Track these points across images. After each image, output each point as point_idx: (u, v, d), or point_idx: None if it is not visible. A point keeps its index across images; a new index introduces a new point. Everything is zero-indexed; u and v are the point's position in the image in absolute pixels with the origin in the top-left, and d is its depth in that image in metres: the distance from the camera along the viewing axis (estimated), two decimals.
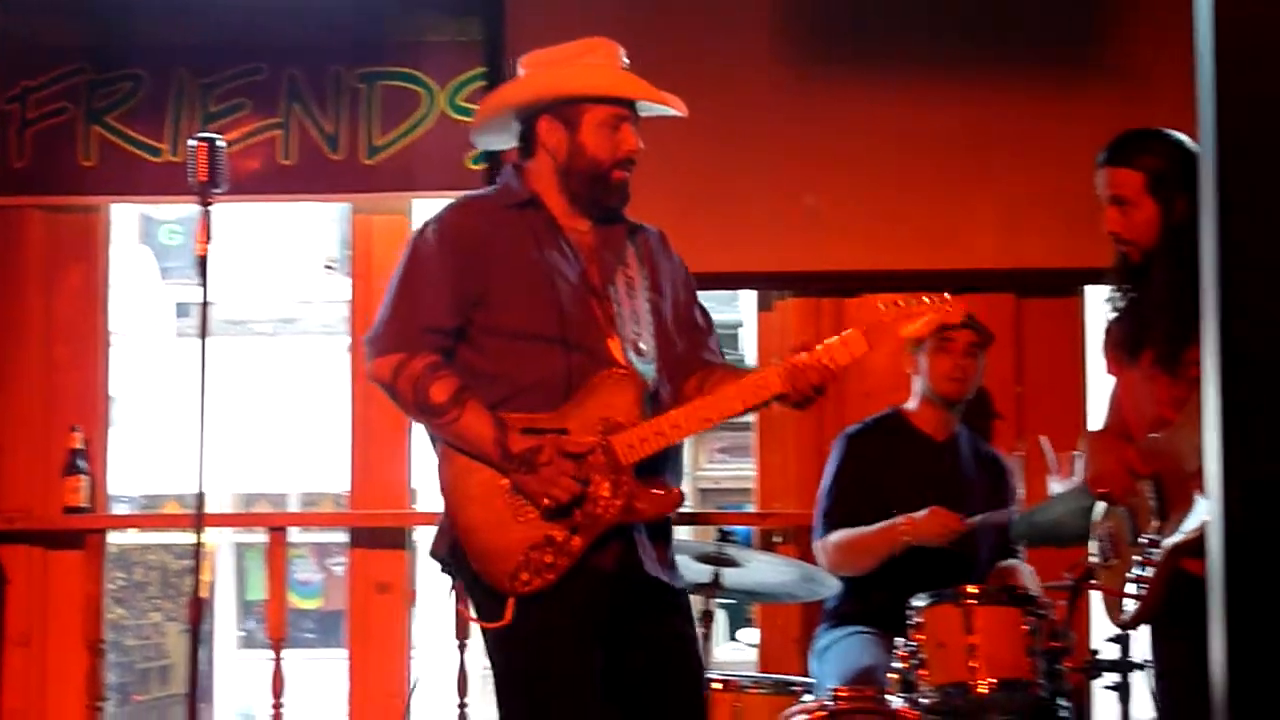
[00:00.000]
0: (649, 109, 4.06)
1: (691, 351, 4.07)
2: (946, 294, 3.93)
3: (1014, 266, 6.07)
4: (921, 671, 4.60)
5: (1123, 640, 4.89)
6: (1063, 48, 6.16)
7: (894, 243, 6.03)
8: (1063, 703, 4.76)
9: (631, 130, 3.98)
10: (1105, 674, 5.00)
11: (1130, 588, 4.13)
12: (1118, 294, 4.25)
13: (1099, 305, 4.47)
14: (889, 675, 4.67)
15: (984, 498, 5.36)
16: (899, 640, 4.67)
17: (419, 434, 4.40)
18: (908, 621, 4.66)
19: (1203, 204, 2.30)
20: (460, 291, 3.93)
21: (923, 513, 5.13)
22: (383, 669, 6.22)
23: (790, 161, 6.05)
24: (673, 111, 4.06)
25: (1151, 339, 4.08)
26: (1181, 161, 4.05)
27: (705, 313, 4.18)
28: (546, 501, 3.82)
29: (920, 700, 4.58)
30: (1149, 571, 4.06)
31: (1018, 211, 6.06)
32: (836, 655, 5.16)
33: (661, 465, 3.92)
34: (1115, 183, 4.13)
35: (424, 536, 5.79)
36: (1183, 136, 4.11)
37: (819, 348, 3.85)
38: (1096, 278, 4.60)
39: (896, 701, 4.60)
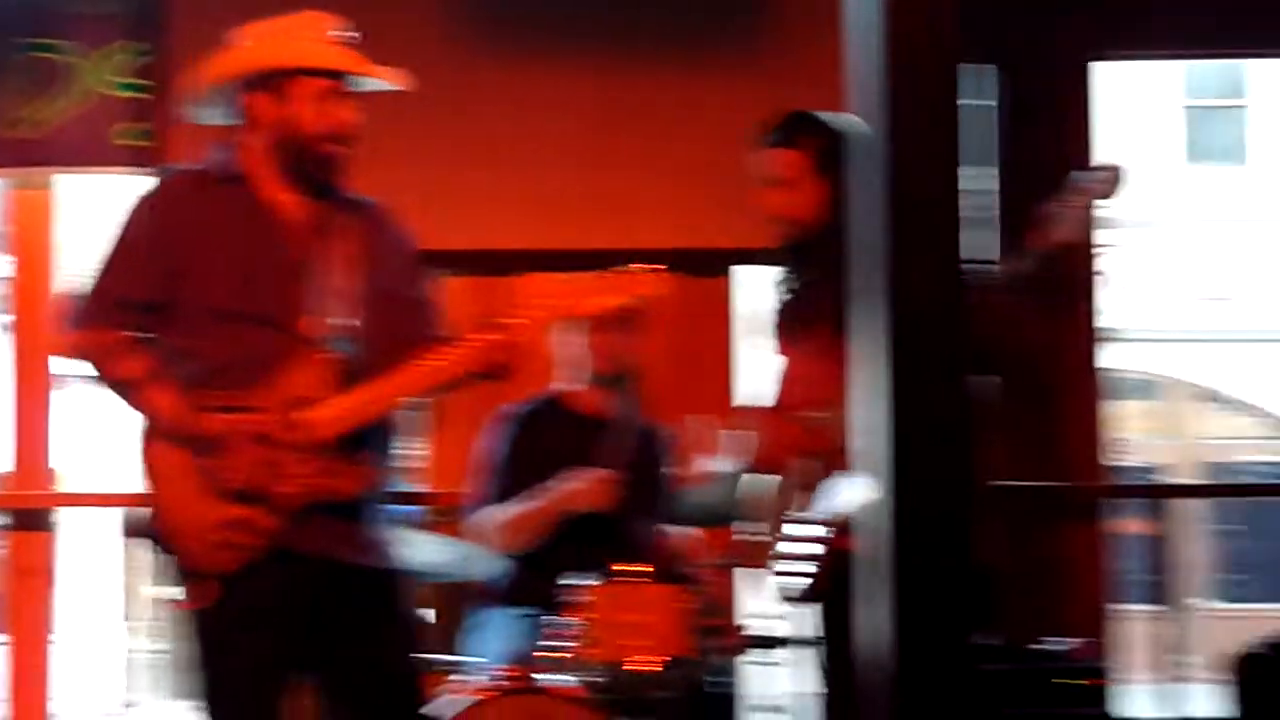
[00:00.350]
0: (372, 85, 4.01)
1: (411, 328, 4.00)
2: (639, 266, 3.96)
3: (675, 246, 6.14)
4: (582, 650, 4.62)
5: (784, 617, 5.00)
6: (719, 28, 6.25)
7: (554, 221, 6.07)
8: (720, 679, 4.84)
9: (343, 104, 3.92)
10: (764, 650, 5.11)
11: (796, 565, 4.20)
12: (788, 275, 4.31)
13: (748, 285, 4.55)
14: (549, 654, 4.69)
15: (645, 474, 5.40)
16: (560, 619, 4.69)
17: (62, 413, 4.31)
18: (569, 600, 4.68)
19: (862, 189, 2.36)
20: (158, 267, 3.87)
21: (575, 477, 5.14)
22: (33, 654, 6.08)
23: (452, 139, 6.04)
24: (390, 85, 4.02)
25: (820, 320, 4.14)
26: (839, 139, 4.14)
27: (429, 290, 4.12)
28: (232, 483, 3.79)
29: (581, 679, 4.61)
30: (812, 549, 4.14)
31: (680, 191, 6.13)
32: (496, 634, 5.16)
33: (360, 443, 3.88)
34: (777, 163, 4.20)
35: (68, 518, 5.69)
36: (840, 117, 4.20)
37: (509, 323, 3.86)
38: (747, 258, 4.68)
39: (557, 680, 4.62)
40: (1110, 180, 3.65)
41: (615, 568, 4.71)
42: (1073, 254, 6.43)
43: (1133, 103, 15.83)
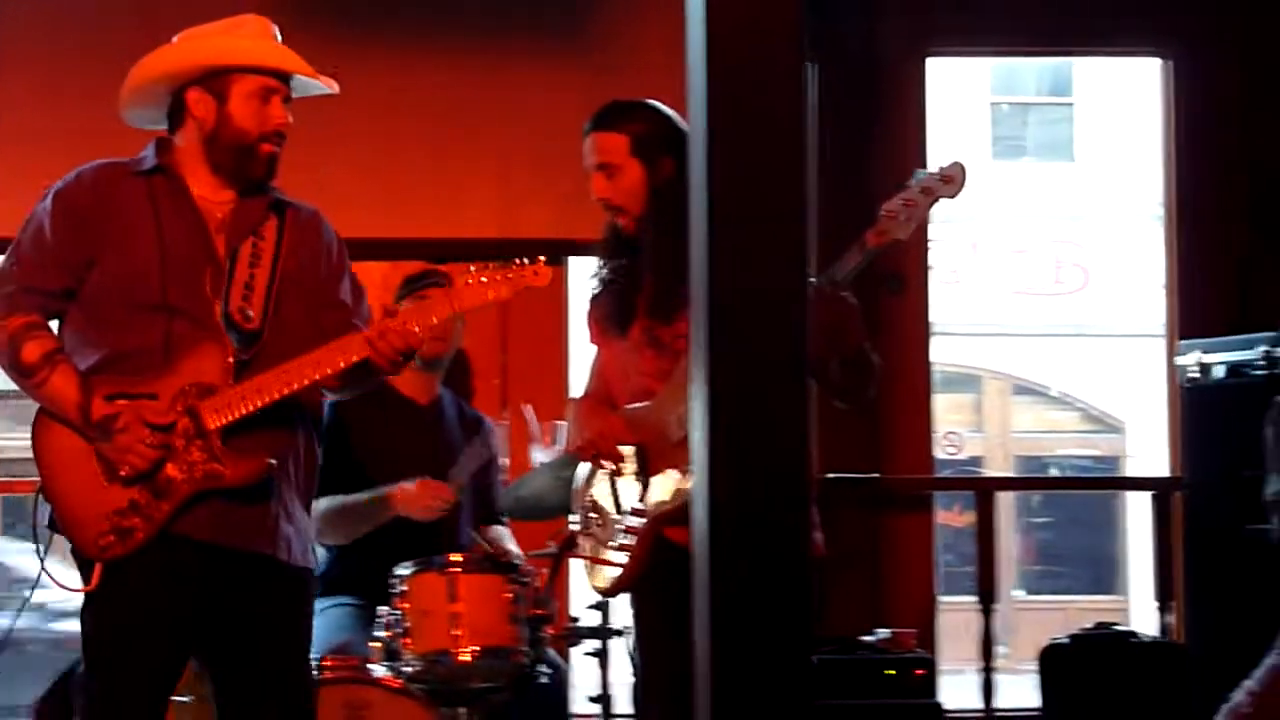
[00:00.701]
0: (308, 87, 4.05)
1: (335, 326, 3.99)
2: (526, 259, 3.98)
3: (502, 236, 6.12)
4: (405, 640, 4.59)
5: (603, 607, 4.99)
6: (550, 20, 6.24)
7: (388, 212, 6.02)
8: (544, 669, 4.82)
9: (281, 104, 3.96)
10: (586, 641, 5.10)
11: (613, 556, 4.20)
12: (604, 266, 4.31)
13: (582, 276, 4.54)
14: (372, 644, 4.65)
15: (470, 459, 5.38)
16: (382, 609, 4.65)
17: None
18: (391, 590, 4.65)
19: (691, 181, 2.34)
20: (66, 254, 3.91)
21: (412, 484, 5.11)
22: None
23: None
24: (326, 89, 4.07)
25: (639, 311, 4.14)
26: (665, 125, 4.15)
27: (357, 290, 4.14)
28: (124, 469, 3.80)
29: (403, 669, 4.58)
30: (631, 540, 4.14)
31: (508, 182, 6.11)
32: (319, 624, 5.11)
33: (253, 432, 3.87)
34: (601, 149, 4.19)
35: None
36: (661, 105, 4.21)
37: (402, 311, 3.90)
38: (581, 249, 4.68)
39: (379, 670, 4.59)
40: (953, 177, 3.67)
41: (442, 557, 4.68)
42: (907, 250, 6.51)
43: (949, 100, 16.07)
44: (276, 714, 3.98)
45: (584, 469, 4.38)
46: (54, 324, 3.97)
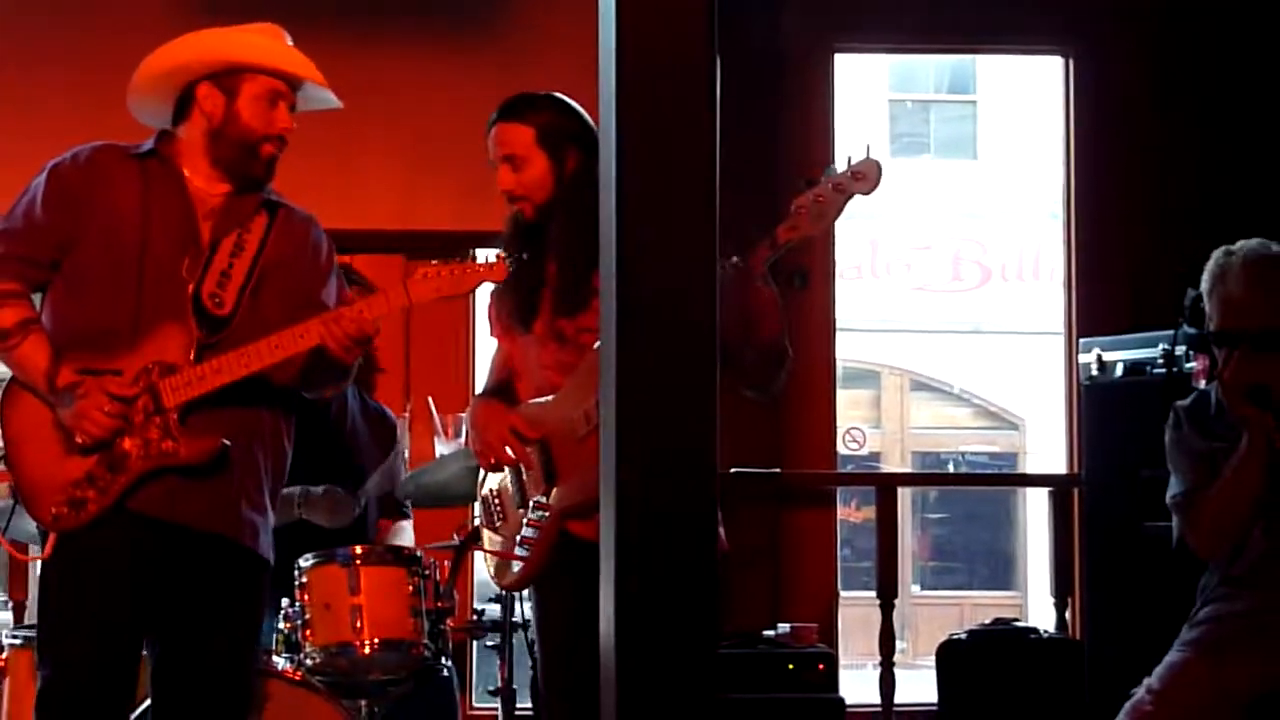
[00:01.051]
0: (315, 96, 4.13)
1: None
2: (479, 254, 4.01)
3: (406, 228, 6.10)
4: (306, 632, 4.58)
5: (505, 601, 4.99)
6: (457, 10, 6.22)
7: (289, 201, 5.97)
8: (445, 662, 4.82)
9: (287, 109, 4.05)
10: (487, 634, 5.10)
11: (516, 550, 4.19)
12: (507, 260, 4.30)
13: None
14: (274, 636, 4.63)
15: (373, 454, 5.35)
16: (284, 601, 4.63)
17: None
18: (294, 583, 4.62)
19: (601, 174, 2.33)
20: (52, 227, 3.98)
21: (319, 490, 5.08)
22: None
23: None
24: (333, 103, 4.17)
25: (543, 305, 4.14)
26: (570, 118, 4.15)
27: (341, 298, 4.16)
28: (80, 437, 3.85)
29: (305, 661, 4.56)
30: (534, 533, 4.13)
31: (411, 174, 6.08)
32: None
33: (211, 411, 3.91)
34: (506, 140, 4.18)
35: None
36: (568, 99, 4.21)
37: (358, 301, 3.92)
38: (487, 241, 4.66)
39: (281, 663, 4.57)
40: (866, 174, 3.67)
41: (343, 549, 4.66)
42: (812, 246, 6.53)
43: (848, 96, 16.12)
44: (211, 702, 3.99)
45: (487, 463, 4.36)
46: (38, 297, 4.05)
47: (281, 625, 4.62)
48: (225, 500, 3.96)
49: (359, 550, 4.68)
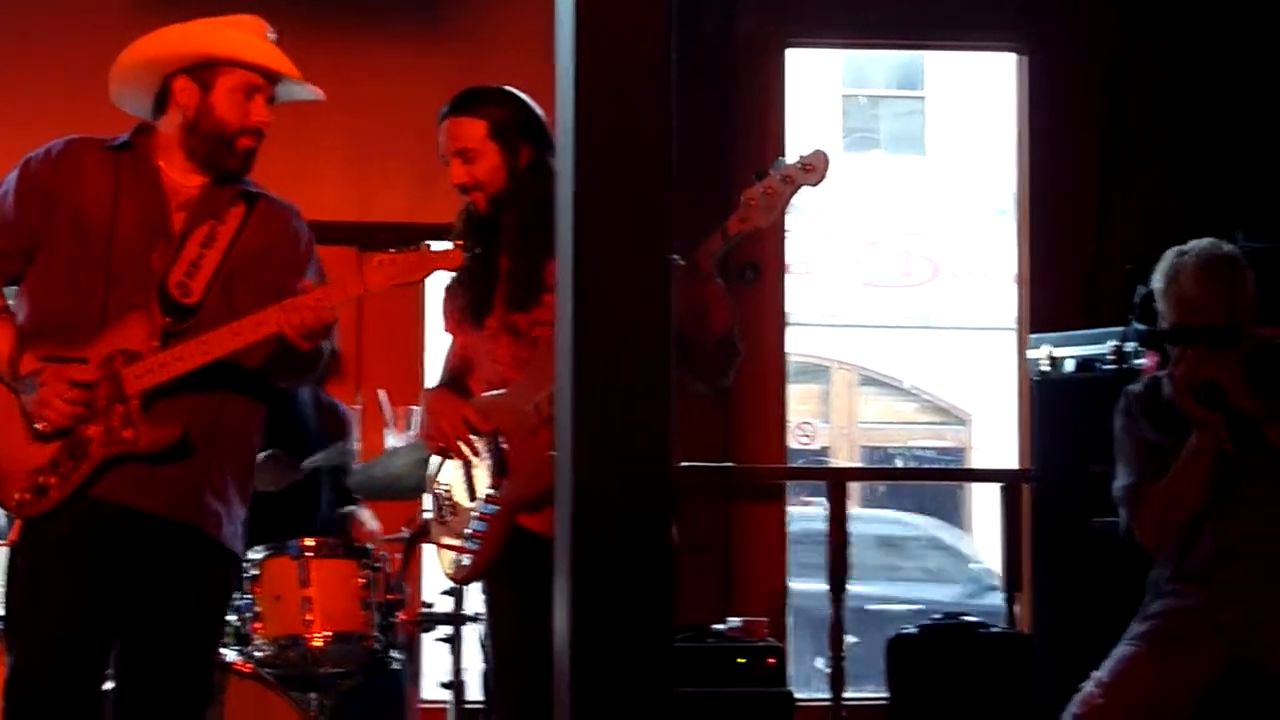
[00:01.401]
0: (294, 91, 4.15)
1: None
2: (433, 243, 4.01)
3: (359, 220, 6.08)
4: (256, 625, 4.57)
5: (455, 594, 4.99)
6: (414, 3, 6.20)
7: None
8: (395, 655, 4.81)
9: (264, 102, 4.05)
10: (438, 627, 5.09)
11: (466, 542, 4.19)
12: (457, 243, 4.29)
13: None
14: (224, 628, 4.61)
15: (324, 446, 5.34)
16: (234, 594, 4.62)
17: None
18: (244, 574, 4.61)
19: (559, 168, 2.33)
20: (21, 220, 4.00)
21: (262, 456, 5.07)
22: None
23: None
24: (312, 95, 4.17)
25: (496, 300, 4.14)
26: (523, 112, 4.15)
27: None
28: (41, 424, 3.87)
29: (254, 654, 4.55)
30: (485, 527, 4.13)
31: (365, 165, 6.07)
32: None
33: (172, 400, 3.91)
34: (458, 134, 4.17)
35: None
36: (521, 93, 4.20)
37: (315, 289, 3.91)
38: (440, 234, 4.65)
39: (231, 655, 4.55)
40: (815, 166, 3.68)
41: (294, 542, 4.65)
42: (763, 240, 6.54)
43: (801, 91, 16.15)
44: (173, 693, 3.99)
45: (438, 455, 4.36)
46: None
47: (231, 617, 4.61)
48: (188, 488, 3.95)
49: (310, 543, 4.68)
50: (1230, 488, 4.25)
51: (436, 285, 4.32)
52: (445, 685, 5.14)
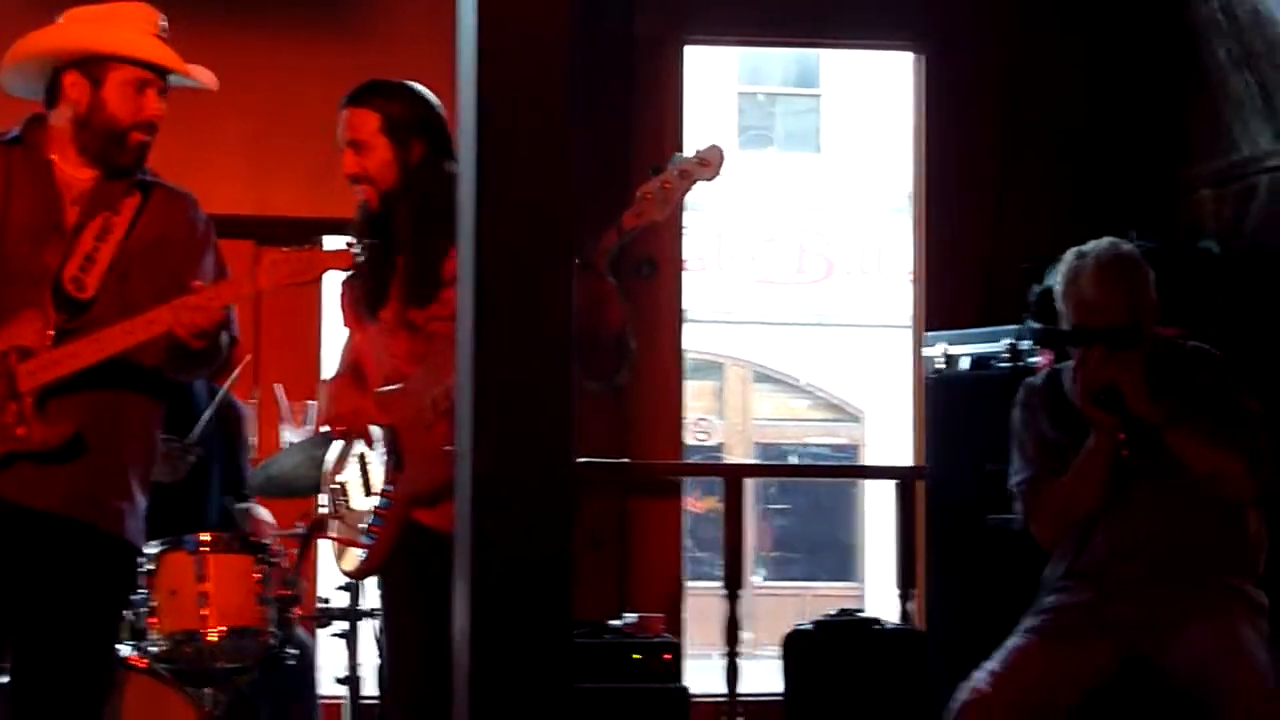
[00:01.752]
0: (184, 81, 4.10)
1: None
2: (323, 243, 4.00)
3: (255, 214, 6.05)
4: (152, 620, 4.54)
5: (352, 589, 4.97)
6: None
7: None
8: (291, 650, 4.79)
9: (155, 96, 4.01)
10: (334, 622, 5.08)
11: (362, 537, 4.18)
12: (356, 248, 4.28)
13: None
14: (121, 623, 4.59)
15: (219, 441, 5.32)
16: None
17: None
18: (140, 569, 4.58)
19: (460, 163, 2.33)
20: None
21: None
22: None
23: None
24: (203, 84, 4.12)
25: (391, 294, 4.13)
26: (419, 107, 4.15)
27: (220, 274, 4.11)
28: None
29: (149, 649, 4.53)
30: (380, 521, 4.13)
31: (261, 159, 6.04)
32: None
33: (65, 397, 3.87)
34: (352, 125, 4.18)
35: None
36: (422, 88, 4.20)
37: (205, 288, 3.88)
38: (337, 228, 4.64)
39: (126, 650, 4.52)
40: (710, 161, 3.69)
41: (190, 536, 4.63)
42: (661, 236, 6.55)
43: (697, 88, 16.15)
44: (70, 689, 3.95)
45: (335, 450, 4.35)
46: None
47: (126, 612, 4.58)
48: (85, 486, 3.92)
49: (206, 538, 4.65)
50: (1125, 488, 4.29)
51: (335, 280, 4.31)
52: (341, 681, 5.13)
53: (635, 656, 6.04)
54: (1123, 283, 4.32)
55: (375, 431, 4.17)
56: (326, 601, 5.21)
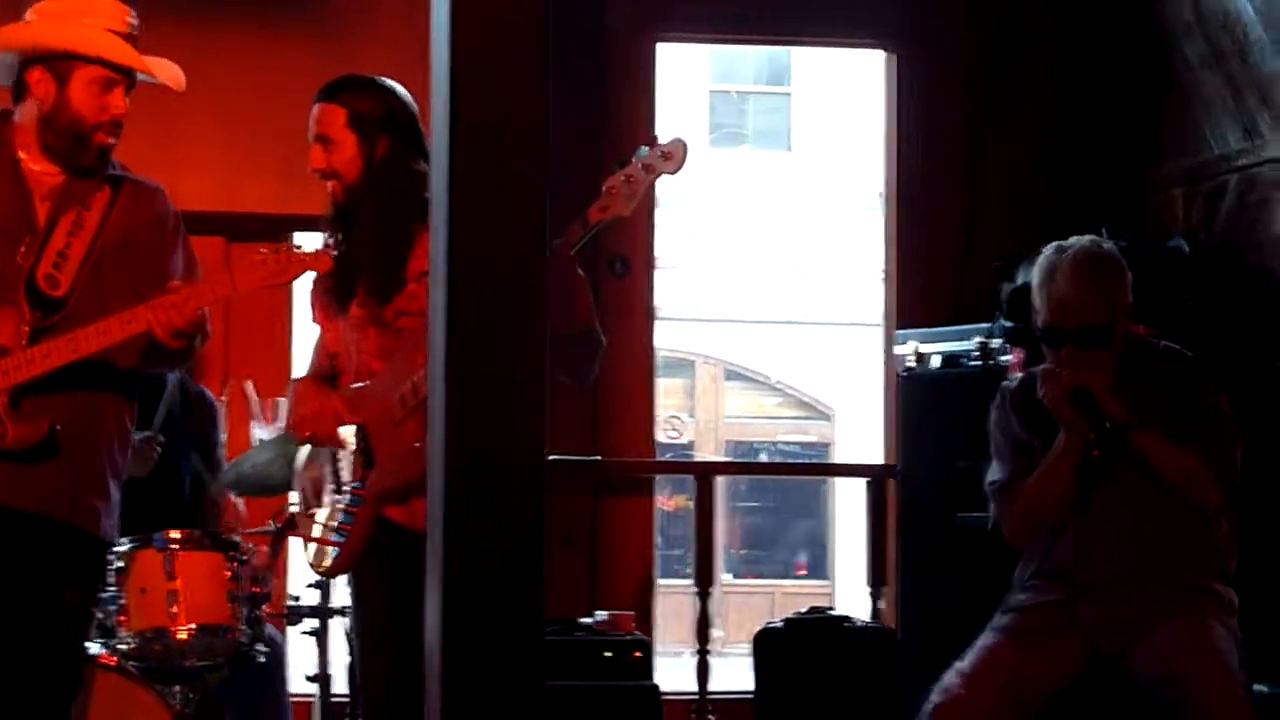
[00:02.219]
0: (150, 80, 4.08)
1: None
2: (300, 245, 4.03)
3: (225, 210, 6.03)
4: (121, 617, 4.53)
5: (322, 587, 4.97)
6: None
7: None
8: (261, 648, 4.78)
9: (121, 95, 3.99)
10: (305, 620, 5.07)
11: (332, 535, 4.17)
12: (328, 244, 4.28)
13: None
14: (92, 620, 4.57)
15: (191, 438, 5.31)
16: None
17: None
18: (109, 567, 4.56)
19: (434, 158, 2.33)
20: None
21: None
22: None
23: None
24: (169, 83, 4.09)
25: (358, 290, 4.13)
26: (387, 104, 4.16)
27: (191, 267, 4.13)
28: None
29: (119, 647, 4.51)
30: (351, 519, 4.12)
31: (232, 155, 6.02)
32: None
33: (39, 395, 3.87)
34: (320, 120, 4.19)
35: None
36: (394, 84, 4.19)
37: (183, 289, 3.88)
38: (308, 224, 4.64)
39: (95, 648, 4.50)
40: (673, 154, 3.70)
41: (161, 534, 4.61)
42: (632, 234, 6.55)
43: (669, 86, 16.11)
44: (40, 685, 3.94)
45: (306, 447, 4.34)
46: None
47: (96, 610, 4.56)
48: (61, 485, 3.92)
49: (176, 535, 4.64)
50: (1096, 488, 4.29)
51: (305, 278, 4.31)
52: (311, 679, 5.12)
53: (606, 654, 6.04)
54: (1099, 281, 4.29)
55: (345, 432, 4.16)
56: (297, 599, 5.21)
